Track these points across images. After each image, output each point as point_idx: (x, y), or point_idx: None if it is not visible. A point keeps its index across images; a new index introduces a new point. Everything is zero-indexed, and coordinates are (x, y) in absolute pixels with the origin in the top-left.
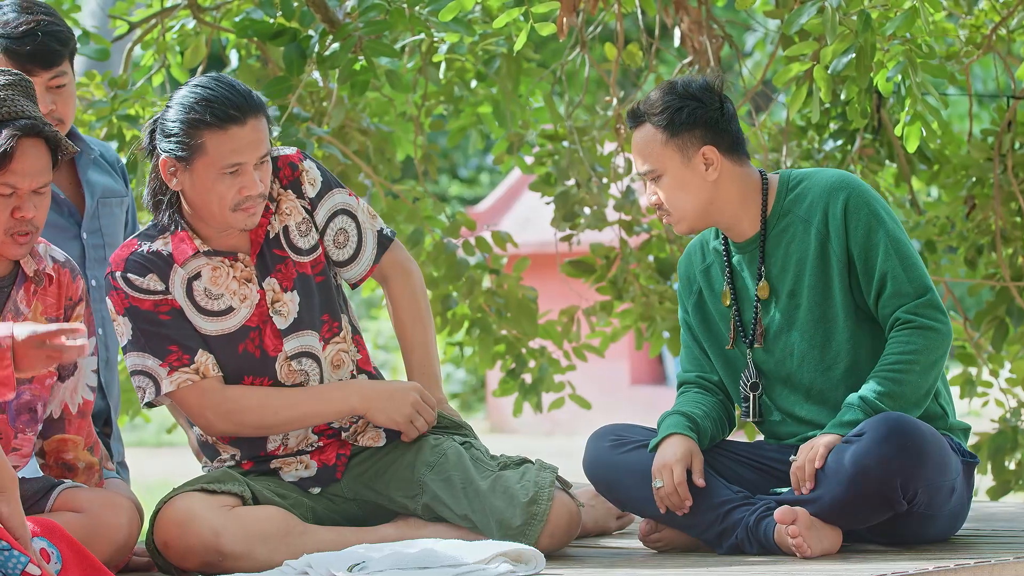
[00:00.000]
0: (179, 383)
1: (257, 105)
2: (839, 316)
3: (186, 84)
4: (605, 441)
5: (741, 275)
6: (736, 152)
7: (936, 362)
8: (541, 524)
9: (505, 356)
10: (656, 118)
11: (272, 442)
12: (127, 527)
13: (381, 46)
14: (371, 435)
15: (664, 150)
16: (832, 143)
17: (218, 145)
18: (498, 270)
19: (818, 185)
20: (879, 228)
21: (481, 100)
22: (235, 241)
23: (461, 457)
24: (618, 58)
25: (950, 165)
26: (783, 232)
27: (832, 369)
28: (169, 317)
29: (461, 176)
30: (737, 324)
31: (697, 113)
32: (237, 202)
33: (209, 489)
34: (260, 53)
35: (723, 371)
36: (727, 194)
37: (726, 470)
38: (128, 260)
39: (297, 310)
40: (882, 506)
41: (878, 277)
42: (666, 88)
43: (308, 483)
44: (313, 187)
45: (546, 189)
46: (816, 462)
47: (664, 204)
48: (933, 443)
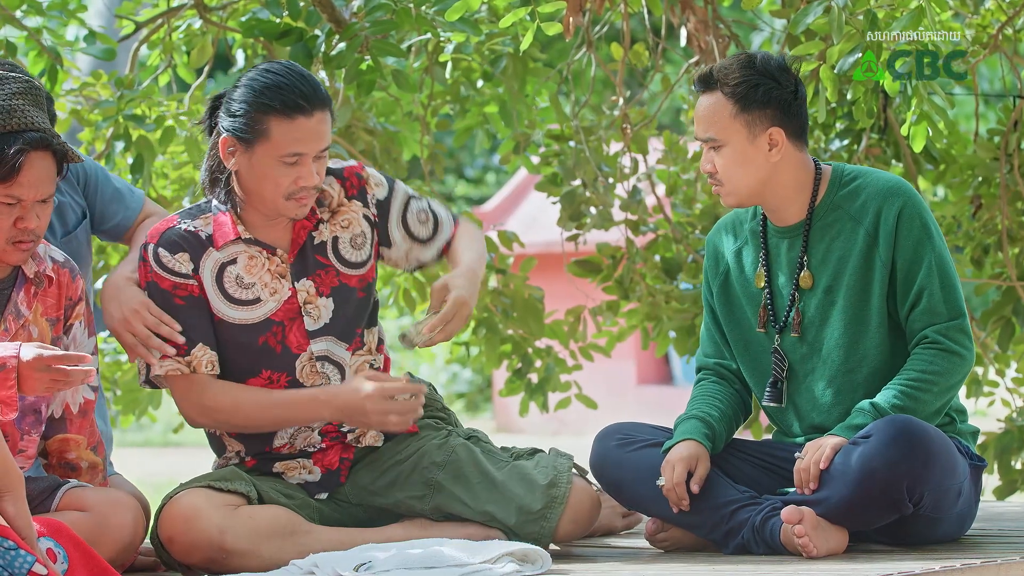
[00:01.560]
0: (168, 370)
1: (324, 99)
2: (872, 320)
3: (256, 67)
4: (612, 440)
5: (778, 259)
6: (800, 138)
7: (953, 387)
8: (561, 507)
9: (511, 356)
10: (730, 89)
11: (279, 439)
12: (132, 526)
13: (387, 46)
14: (372, 435)
15: (732, 123)
16: (838, 142)
17: (283, 133)
18: (504, 270)
19: (874, 186)
20: (928, 243)
21: (487, 100)
22: (277, 235)
23: (472, 452)
24: (624, 58)
25: (956, 165)
26: (830, 226)
27: (855, 372)
28: (183, 303)
29: (467, 176)
30: (768, 308)
31: (772, 93)
32: (291, 191)
33: (216, 487)
34: (266, 53)
35: (743, 356)
36: (784, 177)
37: (733, 469)
38: (164, 234)
39: (330, 316)
40: (888, 508)
41: (916, 291)
42: (745, 61)
43: (313, 488)
44: (381, 188)
45: (552, 189)
46: (822, 463)
47: (718, 174)
48: (940, 446)
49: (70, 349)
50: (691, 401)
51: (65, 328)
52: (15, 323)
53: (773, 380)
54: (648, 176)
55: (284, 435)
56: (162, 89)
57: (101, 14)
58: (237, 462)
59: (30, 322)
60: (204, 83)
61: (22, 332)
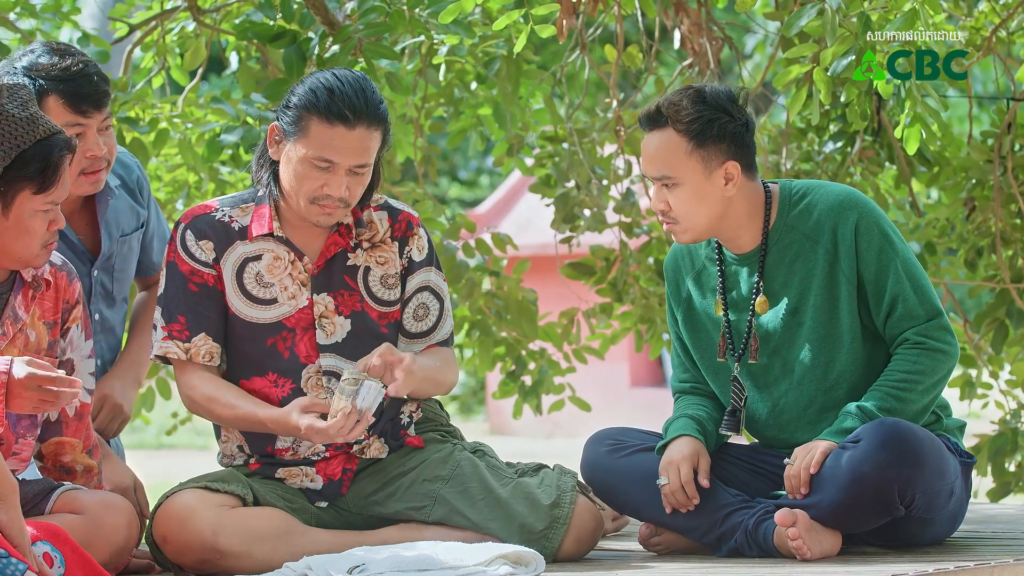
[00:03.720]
0: (167, 352)
1: (375, 117)
2: (844, 336)
3: (331, 70)
4: (603, 445)
5: (737, 286)
6: (752, 168)
7: (939, 383)
8: (564, 527)
9: (505, 358)
10: (684, 126)
11: (282, 441)
12: (126, 529)
13: (381, 48)
14: (377, 446)
15: (687, 160)
16: (832, 145)
17: (319, 135)
18: (498, 272)
19: (824, 201)
20: (890, 250)
21: (481, 102)
22: (309, 241)
23: (476, 467)
24: (618, 60)
25: (950, 167)
26: (786, 248)
27: (835, 389)
28: (196, 289)
29: (461, 178)
30: (727, 335)
31: (727, 127)
32: (316, 196)
33: (211, 487)
34: (260, 55)
35: (713, 382)
36: (738, 209)
37: (724, 473)
38: (196, 218)
39: (344, 335)
40: (880, 511)
41: (888, 299)
42: (694, 96)
43: (314, 496)
44: (420, 253)
45: (546, 191)
46: (812, 467)
47: (672, 212)
48: (930, 448)
49: (67, 352)
50: (676, 408)
51: (62, 331)
52: (13, 327)
53: (732, 409)
54: (642, 178)
55: (287, 439)
56: (156, 91)
57: (95, 16)
58: (240, 462)
59: (27, 325)
60: (198, 85)
61: (20, 336)
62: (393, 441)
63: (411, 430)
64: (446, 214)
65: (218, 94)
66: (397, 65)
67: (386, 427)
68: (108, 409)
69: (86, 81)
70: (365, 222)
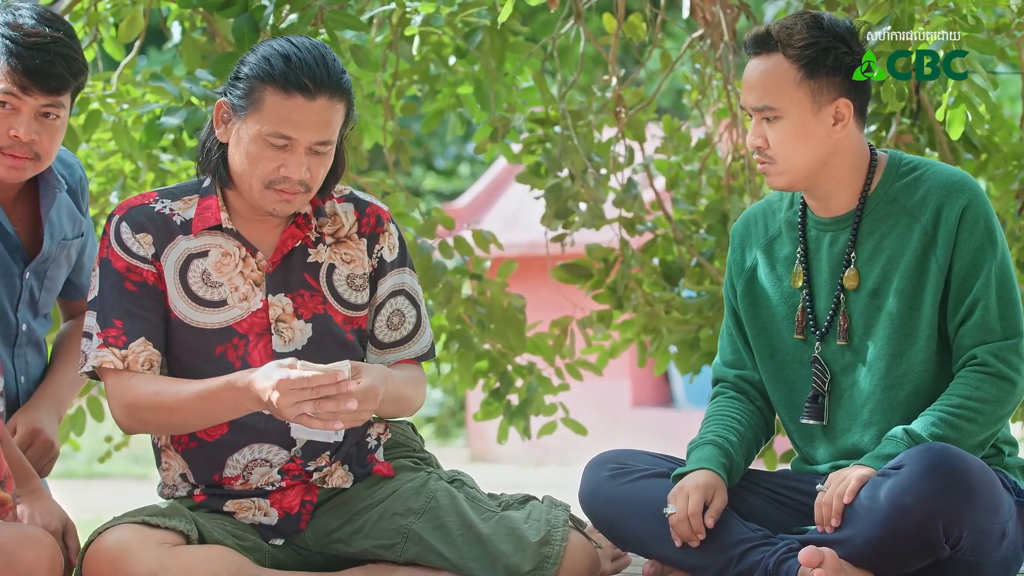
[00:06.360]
0: (102, 361)
1: (338, 88)
2: (922, 330)
3: (284, 37)
4: (604, 470)
5: (818, 255)
6: (863, 115)
7: (1003, 417)
8: (554, 568)
9: (488, 374)
10: (795, 51)
11: (230, 468)
12: (48, 564)
13: (345, 17)
14: (340, 475)
15: (795, 90)
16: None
17: (275, 108)
18: (480, 275)
19: (936, 179)
20: (990, 250)
21: (461, 79)
22: (263, 234)
23: (454, 499)
24: (618, 31)
25: (1000, 154)
26: (881, 220)
27: (896, 389)
28: (134, 289)
29: (437, 167)
30: (808, 311)
31: (844, 59)
32: (272, 179)
33: (150, 523)
34: (206, 25)
35: (768, 367)
36: (842, 159)
37: (744, 504)
38: (133, 209)
39: (304, 342)
40: (922, 550)
41: (969, 302)
42: (811, 21)
43: (268, 532)
44: (391, 253)
45: (535, 181)
46: (846, 497)
47: (769, 150)
48: (983, 479)
49: None
50: (706, 421)
51: None
52: None
53: (814, 394)
54: (645, 167)
55: (237, 466)
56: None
57: None
58: (184, 494)
59: None
60: (135, 60)
61: None
62: (359, 469)
63: (379, 454)
64: (420, 208)
65: (158, 70)
66: (364, 37)
67: (350, 452)
68: (39, 445)
69: (40, 56)
70: (328, 212)
